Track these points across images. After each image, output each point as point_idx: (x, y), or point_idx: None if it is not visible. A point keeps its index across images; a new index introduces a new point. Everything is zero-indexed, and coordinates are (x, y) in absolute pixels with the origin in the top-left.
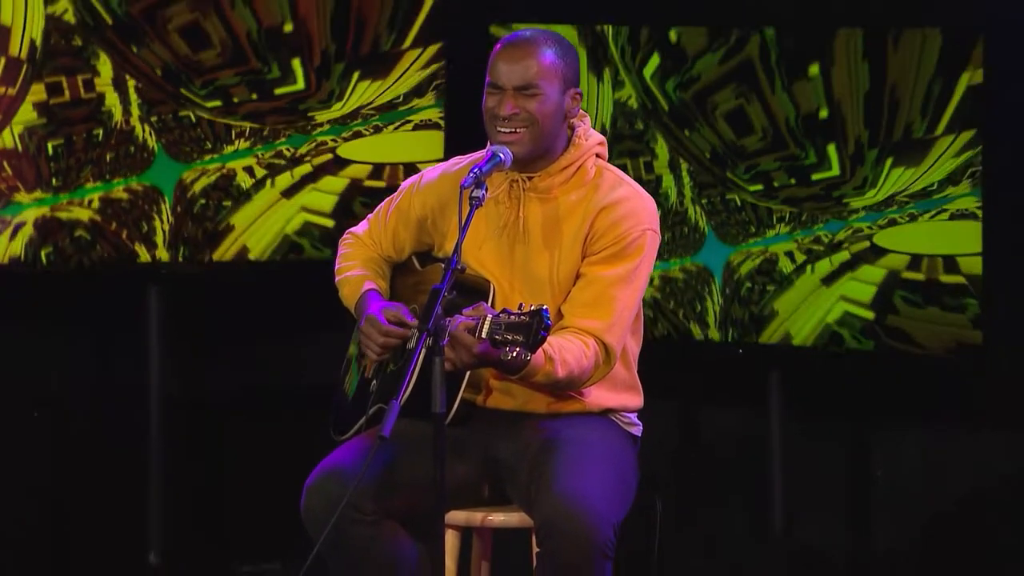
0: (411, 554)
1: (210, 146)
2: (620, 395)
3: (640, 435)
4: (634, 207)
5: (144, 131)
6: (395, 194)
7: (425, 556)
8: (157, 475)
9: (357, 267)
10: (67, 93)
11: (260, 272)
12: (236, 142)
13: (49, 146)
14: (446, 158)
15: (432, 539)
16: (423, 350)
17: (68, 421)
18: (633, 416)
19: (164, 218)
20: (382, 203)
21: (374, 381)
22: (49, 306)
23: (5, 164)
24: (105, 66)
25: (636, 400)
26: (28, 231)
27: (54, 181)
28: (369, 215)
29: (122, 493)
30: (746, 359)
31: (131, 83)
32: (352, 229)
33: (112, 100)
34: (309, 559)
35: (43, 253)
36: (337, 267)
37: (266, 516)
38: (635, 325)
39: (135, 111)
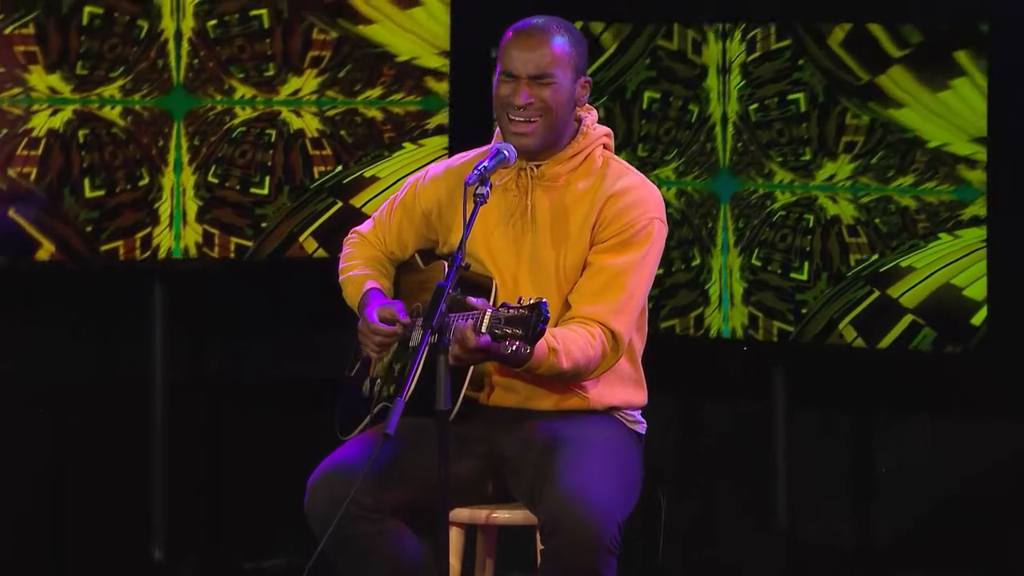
0: (415, 551)
1: None
2: (625, 391)
3: (644, 433)
4: (641, 196)
5: None
6: (399, 191)
7: (429, 553)
8: (161, 471)
9: (360, 266)
10: None
11: (265, 268)
12: None
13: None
14: (451, 152)
15: (436, 536)
16: (427, 348)
17: (72, 417)
18: (637, 414)
19: None
20: (386, 201)
21: (378, 380)
22: (54, 301)
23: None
24: None
25: (641, 396)
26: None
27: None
28: (374, 214)
29: (126, 489)
30: (750, 354)
31: None
32: (357, 228)
33: None
34: (313, 556)
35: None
36: (341, 266)
37: (270, 512)
38: (640, 321)
39: None
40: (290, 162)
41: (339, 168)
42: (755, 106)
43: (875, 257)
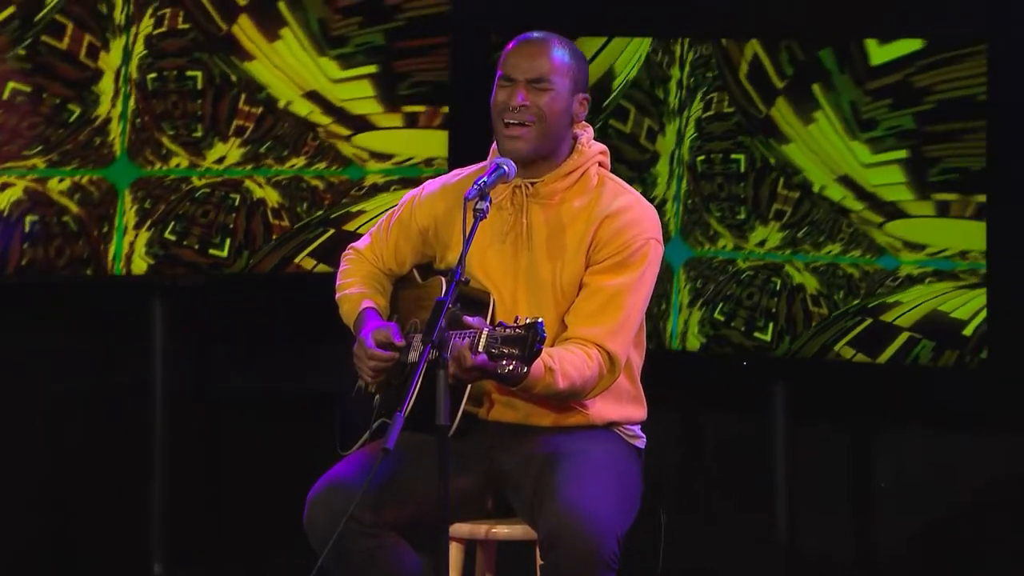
0: (414, 566)
1: None
2: (624, 407)
3: (644, 447)
4: (637, 216)
5: None
6: (396, 207)
7: (429, 568)
8: (161, 484)
9: (356, 284)
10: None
11: (265, 281)
12: None
13: None
14: (451, 164)
15: (436, 551)
16: (426, 363)
17: (71, 429)
18: (637, 428)
19: None
20: (383, 216)
21: (377, 396)
22: (55, 313)
23: None
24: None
25: (640, 412)
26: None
27: None
28: (371, 229)
29: (126, 504)
30: (750, 370)
31: None
32: (354, 244)
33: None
34: (313, 571)
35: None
36: (338, 283)
37: (269, 527)
38: (638, 337)
39: None
40: (252, 228)
41: (316, 213)
42: (702, 157)
43: (854, 302)
